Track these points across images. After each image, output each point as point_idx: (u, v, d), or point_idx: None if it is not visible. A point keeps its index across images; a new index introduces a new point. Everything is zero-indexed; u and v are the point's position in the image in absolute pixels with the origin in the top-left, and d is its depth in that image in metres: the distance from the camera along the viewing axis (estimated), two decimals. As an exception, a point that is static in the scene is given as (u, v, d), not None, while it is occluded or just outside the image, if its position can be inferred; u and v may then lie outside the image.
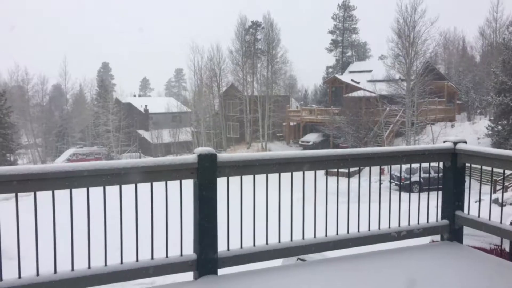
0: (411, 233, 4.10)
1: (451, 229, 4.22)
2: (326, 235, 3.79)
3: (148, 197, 3.22)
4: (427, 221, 4.22)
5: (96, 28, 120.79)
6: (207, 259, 3.31)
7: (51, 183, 2.87)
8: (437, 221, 4.27)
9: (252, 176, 3.49)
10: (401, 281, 3.46)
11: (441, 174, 4.30)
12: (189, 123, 51.64)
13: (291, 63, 49.26)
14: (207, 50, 53.75)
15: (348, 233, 3.86)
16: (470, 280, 3.51)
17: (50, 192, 2.92)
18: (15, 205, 2.84)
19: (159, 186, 3.25)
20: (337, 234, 3.82)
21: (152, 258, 3.22)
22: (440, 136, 31.13)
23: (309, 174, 3.74)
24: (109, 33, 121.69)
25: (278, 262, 4.52)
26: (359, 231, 3.90)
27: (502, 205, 4.19)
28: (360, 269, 3.66)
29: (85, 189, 3.02)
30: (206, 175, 3.26)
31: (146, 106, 55.92)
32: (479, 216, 4.05)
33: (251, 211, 3.44)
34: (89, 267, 3.03)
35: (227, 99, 48.60)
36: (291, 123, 44.19)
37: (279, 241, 3.62)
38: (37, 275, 2.88)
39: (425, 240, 5.11)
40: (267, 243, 3.58)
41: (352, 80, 42.92)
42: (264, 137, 42.97)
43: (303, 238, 3.70)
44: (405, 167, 4.29)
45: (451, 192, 4.19)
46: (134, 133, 53.48)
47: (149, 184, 3.23)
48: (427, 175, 4.66)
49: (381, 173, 25.09)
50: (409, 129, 33.77)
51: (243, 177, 3.46)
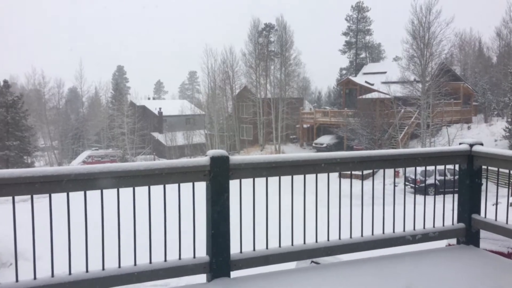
0: (426, 237, 4.04)
1: (468, 232, 4.15)
2: (339, 238, 3.76)
3: (160, 200, 3.23)
4: (443, 225, 4.16)
5: (111, 31, 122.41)
6: (220, 261, 3.30)
7: (65, 185, 2.90)
8: (453, 224, 4.21)
9: (264, 178, 3.48)
10: (417, 284, 3.40)
11: (457, 176, 4.24)
12: (203, 125, 51.90)
13: (304, 65, 49.42)
14: (220, 52, 54.03)
15: (362, 236, 3.82)
16: (486, 284, 3.44)
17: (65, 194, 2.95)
18: (31, 207, 2.88)
19: (171, 188, 3.26)
20: (351, 237, 3.79)
21: (165, 260, 3.23)
22: (456, 138, 30.72)
23: (322, 176, 3.71)
24: (124, 36, 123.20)
25: (292, 265, 4.49)
26: (373, 234, 3.86)
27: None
28: (375, 273, 3.62)
29: (99, 191, 3.04)
30: (218, 177, 3.26)
31: (160, 108, 56.37)
32: (496, 219, 3.98)
33: (264, 213, 3.43)
34: (103, 269, 3.05)
35: (240, 101, 48.69)
36: (305, 125, 44.04)
37: (292, 244, 3.61)
38: (52, 276, 2.92)
39: (441, 243, 5.04)
40: (280, 246, 3.56)
41: (366, 81, 42.64)
42: (277, 139, 42.91)
43: (316, 241, 3.68)
44: (420, 169, 4.23)
45: (467, 195, 4.13)
46: (148, 135, 53.92)
47: (161, 186, 3.24)
48: (443, 178, 4.59)
49: (396, 175, 24.94)
50: (424, 131, 33.40)
51: (256, 179, 3.45)
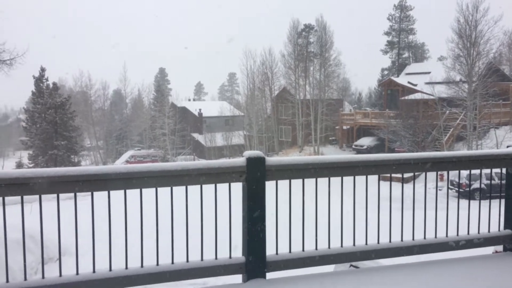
0: (470, 243, 3.88)
1: (515, 239, 3.96)
2: (378, 242, 3.67)
3: (196, 199, 3.27)
4: (488, 231, 3.98)
5: (154, 34, 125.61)
6: (255, 262, 3.30)
7: (106, 183, 2.99)
8: (499, 230, 4.03)
9: (301, 180, 3.45)
10: None
11: (504, 180, 4.07)
12: (242, 126, 52.24)
13: (344, 65, 48.61)
14: (259, 54, 54.34)
15: (402, 241, 3.72)
16: None
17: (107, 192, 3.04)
18: (74, 205, 2.99)
19: (208, 188, 3.29)
20: (390, 241, 3.70)
21: (201, 259, 3.27)
22: (504, 140, 29.44)
23: (360, 178, 3.64)
24: (166, 38, 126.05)
25: (329, 268, 4.43)
26: (414, 239, 3.75)
27: None
28: (416, 279, 3.49)
29: (138, 190, 3.11)
30: (254, 178, 3.25)
31: (200, 110, 57.28)
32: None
33: (300, 215, 3.40)
34: (142, 266, 3.12)
35: (279, 102, 48.66)
36: (344, 127, 43.43)
37: (329, 247, 3.55)
38: (93, 271, 3.01)
39: (488, 250, 4.83)
40: (316, 249, 3.52)
41: (409, 82, 41.55)
42: (316, 141, 42.55)
43: (354, 244, 3.61)
44: (465, 173, 4.08)
45: (516, 200, 3.94)
46: (188, 136, 54.89)
47: (198, 186, 3.28)
48: (489, 182, 4.39)
49: (440, 179, 24.13)
50: (470, 133, 32.15)
51: (292, 180, 3.43)
